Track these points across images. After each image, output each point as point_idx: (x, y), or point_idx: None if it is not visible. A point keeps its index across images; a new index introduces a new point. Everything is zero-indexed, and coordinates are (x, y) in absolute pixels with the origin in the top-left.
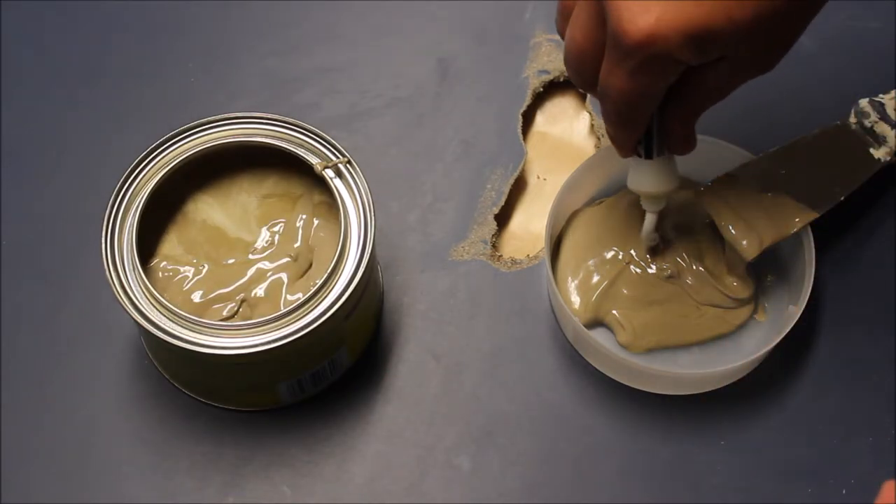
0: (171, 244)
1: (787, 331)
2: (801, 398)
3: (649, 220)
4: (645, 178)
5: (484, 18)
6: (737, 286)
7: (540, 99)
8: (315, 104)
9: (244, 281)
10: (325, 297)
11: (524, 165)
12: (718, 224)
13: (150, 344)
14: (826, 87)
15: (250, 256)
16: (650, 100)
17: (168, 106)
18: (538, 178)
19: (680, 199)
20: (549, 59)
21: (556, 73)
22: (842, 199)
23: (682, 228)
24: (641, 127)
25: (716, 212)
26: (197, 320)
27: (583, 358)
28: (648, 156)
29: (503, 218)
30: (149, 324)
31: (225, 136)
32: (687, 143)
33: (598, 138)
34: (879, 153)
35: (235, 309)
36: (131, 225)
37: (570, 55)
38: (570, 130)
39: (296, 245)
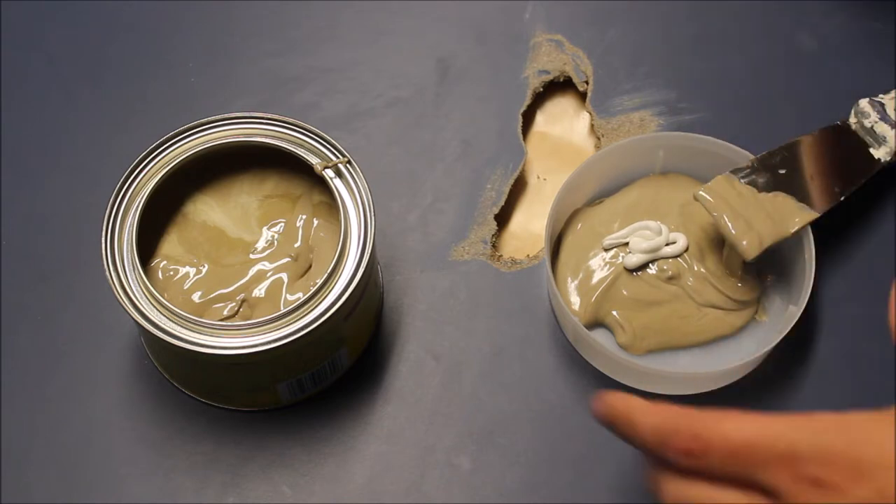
0: (171, 244)
1: (788, 331)
2: (801, 398)
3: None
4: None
5: (484, 18)
6: (740, 288)
7: (540, 99)
8: (315, 104)
9: (244, 281)
10: (325, 297)
11: (524, 165)
12: (718, 224)
13: (151, 344)
14: (826, 87)
15: (250, 256)
16: None
17: (168, 106)
18: (538, 178)
19: (680, 199)
20: (549, 59)
21: (556, 73)
22: (842, 199)
23: (683, 229)
24: None
25: (716, 212)
26: (197, 320)
27: (583, 358)
28: None
29: (503, 218)
30: (149, 324)
31: (225, 136)
32: None
33: (598, 138)
34: (879, 153)
35: (235, 309)
36: (131, 225)
37: None
38: (570, 130)
39: (296, 245)
